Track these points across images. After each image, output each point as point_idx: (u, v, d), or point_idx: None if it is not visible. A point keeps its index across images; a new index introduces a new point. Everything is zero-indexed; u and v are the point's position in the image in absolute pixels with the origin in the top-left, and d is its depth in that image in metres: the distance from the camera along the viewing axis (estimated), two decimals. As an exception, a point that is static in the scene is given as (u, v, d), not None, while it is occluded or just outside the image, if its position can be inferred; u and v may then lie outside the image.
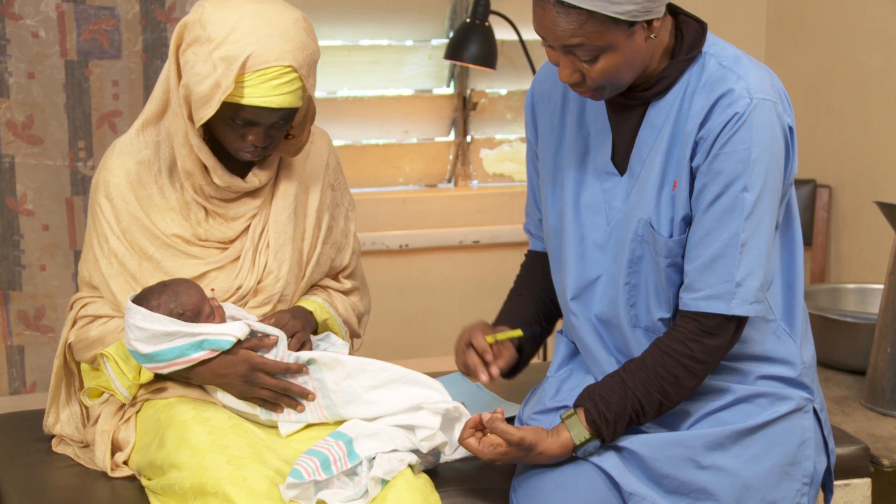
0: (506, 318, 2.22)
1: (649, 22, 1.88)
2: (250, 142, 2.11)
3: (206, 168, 2.16)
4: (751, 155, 1.88)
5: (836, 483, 2.30)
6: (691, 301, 1.94)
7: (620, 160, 2.03)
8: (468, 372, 2.12)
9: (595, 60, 1.88)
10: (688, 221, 1.95)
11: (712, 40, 1.98)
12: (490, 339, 2.11)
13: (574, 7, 1.82)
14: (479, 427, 1.98)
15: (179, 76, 2.10)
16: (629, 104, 2.00)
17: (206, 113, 2.05)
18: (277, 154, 2.22)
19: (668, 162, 1.96)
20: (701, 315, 1.93)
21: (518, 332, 2.14)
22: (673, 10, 1.98)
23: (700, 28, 1.97)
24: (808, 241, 3.73)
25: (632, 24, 1.85)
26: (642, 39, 1.88)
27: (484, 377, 2.09)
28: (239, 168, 2.20)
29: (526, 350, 2.21)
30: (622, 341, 2.05)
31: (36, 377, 3.44)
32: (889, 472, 2.41)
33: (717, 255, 1.91)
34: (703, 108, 1.91)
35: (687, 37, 1.95)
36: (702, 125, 1.91)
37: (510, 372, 2.19)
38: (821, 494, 2.16)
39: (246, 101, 2.05)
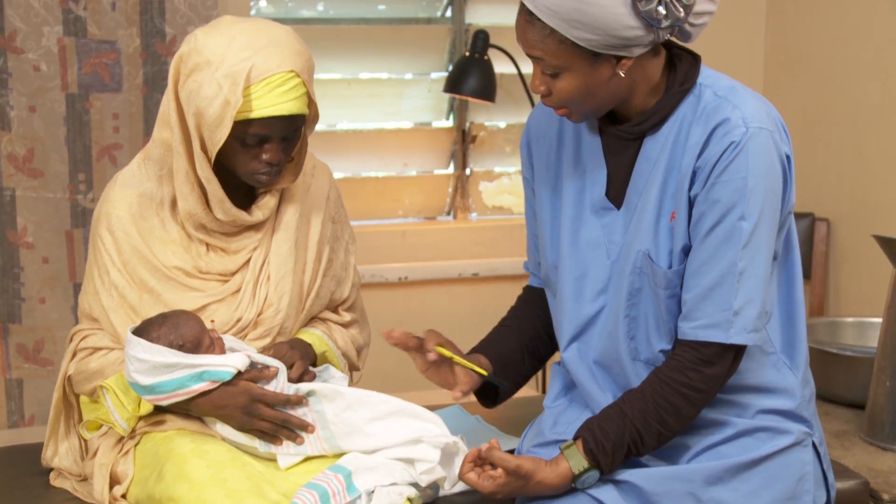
0: (484, 347, 2.22)
1: (619, 58, 1.89)
2: (265, 160, 2.12)
3: (207, 206, 2.17)
4: (747, 184, 1.88)
5: (836, 517, 2.29)
6: (689, 330, 1.94)
7: (617, 194, 2.03)
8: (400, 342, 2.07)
9: (557, 77, 1.91)
10: (687, 252, 1.95)
11: (706, 72, 1.99)
12: (442, 350, 2.08)
13: (539, 19, 1.86)
14: (479, 462, 1.98)
15: (180, 111, 2.11)
16: (625, 138, 2.01)
17: (221, 135, 2.06)
18: (281, 183, 2.23)
19: (665, 193, 1.97)
20: (699, 344, 1.93)
21: (479, 370, 2.11)
22: (666, 44, 1.99)
23: (693, 60, 1.98)
24: (806, 275, 3.74)
25: (596, 55, 1.87)
26: (607, 73, 1.90)
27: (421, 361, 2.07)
28: (241, 203, 2.21)
29: (502, 388, 2.20)
30: (622, 376, 2.05)
31: (34, 410, 3.43)
32: (889, 506, 2.40)
33: (714, 283, 1.91)
34: (700, 139, 1.92)
35: (680, 70, 1.96)
36: (699, 155, 1.92)
37: (489, 400, 2.21)
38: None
39: (256, 113, 2.06)
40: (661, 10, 1.84)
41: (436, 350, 2.07)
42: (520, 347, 2.23)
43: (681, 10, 1.85)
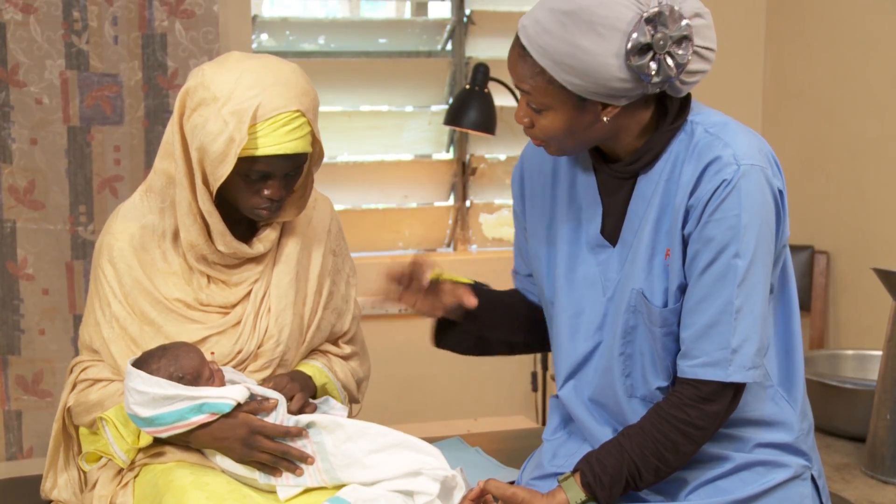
0: (478, 288, 2.17)
1: (605, 105, 1.89)
2: (267, 196, 2.13)
3: (210, 237, 2.17)
4: (741, 221, 1.88)
5: (836, 550, 2.28)
6: (688, 368, 1.94)
7: (612, 232, 2.03)
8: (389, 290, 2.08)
9: (540, 113, 1.92)
10: (683, 290, 1.95)
11: (697, 108, 1.98)
12: (442, 275, 2.07)
13: (531, 56, 1.87)
14: (479, 501, 1.98)
15: (184, 144, 2.12)
16: (619, 177, 2.01)
17: (224, 171, 2.07)
18: (283, 216, 2.24)
19: (659, 231, 1.96)
20: (698, 382, 1.93)
21: (465, 280, 2.10)
22: None
23: (684, 97, 1.98)
24: (806, 307, 3.74)
25: (583, 99, 1.88)
26: (591, 118, 1.90)
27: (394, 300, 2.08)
28: (242, 235, 2.22)
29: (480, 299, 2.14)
30: (618, 413, 2.05)
31: (33, 442, 3.43)
32: (890, 539, 2.40)
33: (712, 322, 1.91)
34: (692, 177, 1.92)
35: (671, 108, 1.96)
36: (692, 193, 1.92)
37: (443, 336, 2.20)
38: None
39: (260, 151, 2.07)
40: (653, 66, 1.83)
41: (433, 275, 2.06)
42: (514, 306, 2.21)
43: (673, 68, 1.85)
